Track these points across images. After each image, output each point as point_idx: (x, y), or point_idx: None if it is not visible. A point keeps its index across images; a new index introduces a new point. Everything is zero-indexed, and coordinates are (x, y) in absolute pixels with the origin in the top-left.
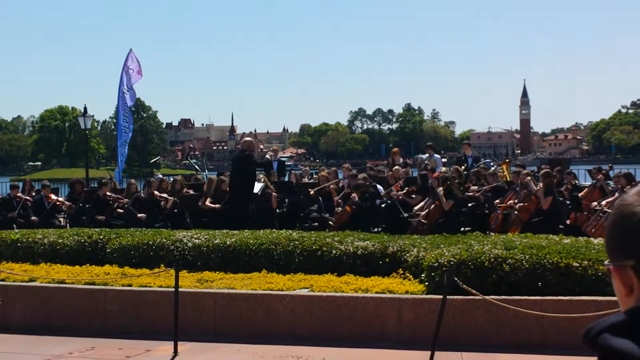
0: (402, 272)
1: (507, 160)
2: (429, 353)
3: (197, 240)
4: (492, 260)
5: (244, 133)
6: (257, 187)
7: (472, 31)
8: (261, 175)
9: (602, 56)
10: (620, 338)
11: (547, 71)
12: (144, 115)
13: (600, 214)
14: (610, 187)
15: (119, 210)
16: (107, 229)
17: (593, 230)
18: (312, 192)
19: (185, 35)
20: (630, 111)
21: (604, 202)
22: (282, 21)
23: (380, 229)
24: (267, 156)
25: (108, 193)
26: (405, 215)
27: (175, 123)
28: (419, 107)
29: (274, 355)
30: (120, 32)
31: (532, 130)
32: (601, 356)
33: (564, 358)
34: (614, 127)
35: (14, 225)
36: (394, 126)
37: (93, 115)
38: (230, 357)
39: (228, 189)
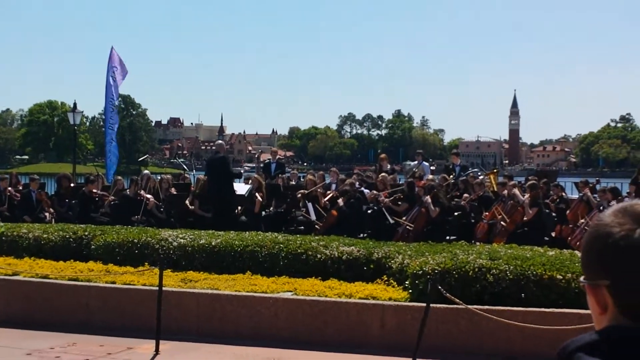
0: (386, 278)
1: (494, 170)
2: None
3: (182, 240)
4: (477, 270)
5: (232, 134)
6: (245, 188)
7: (464, 40)
8: (256, 176)
9: (592, 69)
10: (593, 357)
11: (538, 82)
12: (133, 112)
13: (586, 227)
14: (596, 201)
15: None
16: (93, 226)
17: (578, 243)
18: (299, 194)
19: (178, 35)
20: (619, 125)
21: (588, 217)
22: (273, 25)
23: (366, 234)
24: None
25: (94, 190)
26: (392, 221)
27: (164, 121)
28: (408, 113)
29: (256, 357)
30: (112, 29)
31: (520, 141)
32: None
33: None
34: (603, 141)
35: None
36: (383, 132)
37: (82, 111)
38: (211, 358)
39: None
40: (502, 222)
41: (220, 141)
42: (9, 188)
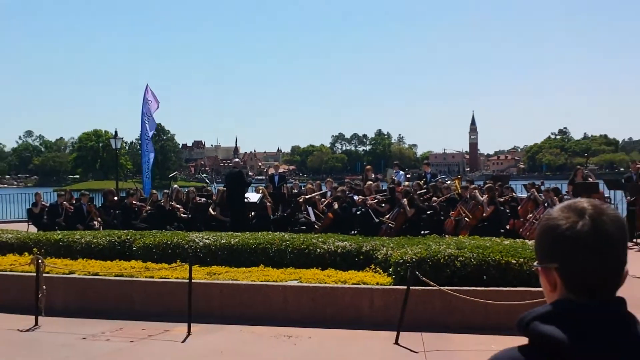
0: (373, 267)
1: (458, 177)
2: (395, 333)
3: (207, 240)
4: (447, 257)
5: (245, 152)
6: (256, 197)
7: (432, 67)
8: (261, 188)
9: (536, 90)
10: (546, 325)
11: (492, 102)
12: (164, 137)
13: (534, 220)
14: (541, 199)
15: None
16: (133, 231)
17: (528, 234)
18: (301, 200)
19: (199, 71)
20: (558, 137)
21: (535, 212)
22: (275, 60)
23: (356, 231)
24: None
25: (134, 202)
26: (377, 220)
27: (189, 144)
28: (387, 132)
29: (269, 334)
30: (147, 68)
31: (478, 152)
32: (531, 339)
33: (504, 337)
34: (545, 150)
35: (57, 227)
36: (367, 148)
37: (122, 138)
38: (233, 336)
39: (226, 200)
40: (466, 219)
41: (236, 159)
42: (65, 202)
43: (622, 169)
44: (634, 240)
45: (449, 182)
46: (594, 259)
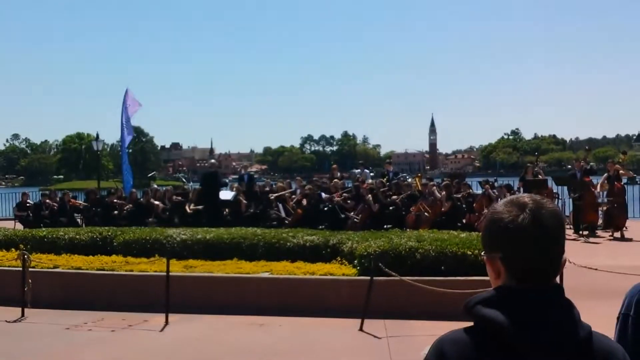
0: (340, 259)
1: (419, 175)
2: (360, 320)
3: (183, 236)
4: (408, 250)
5: (220, 153)
6: (230, 194)
7: (395, 72)
8: (235, 185)
9: (489, 93)
10: (489, 308)
11: (449, 105)
12: (143, 139)
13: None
14: (495, 195)
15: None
16: (114, 228)
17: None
18: (272, 197)
19: (178, 77)
20: (511, 137)
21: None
22: (248, 66)
23: (323, 226)
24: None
25: (115, 200)
26: (343, 216)
27: (167, 146)
28: (353, 133)
29: (243, 322)
30: (128, 74)
31: (437, 151)
32: (475, 322)
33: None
34: (499, 149)
35: (41, 225)
36: (335, 148)
37: (103, 140)
38: (209, 325)
39: (202, 197)
40: (425, 214)
41: (212, 160)
42: (48, 200)
43: (569, 166)
44: (580, 232)
45: (409, 179)
46: (534, 249)
